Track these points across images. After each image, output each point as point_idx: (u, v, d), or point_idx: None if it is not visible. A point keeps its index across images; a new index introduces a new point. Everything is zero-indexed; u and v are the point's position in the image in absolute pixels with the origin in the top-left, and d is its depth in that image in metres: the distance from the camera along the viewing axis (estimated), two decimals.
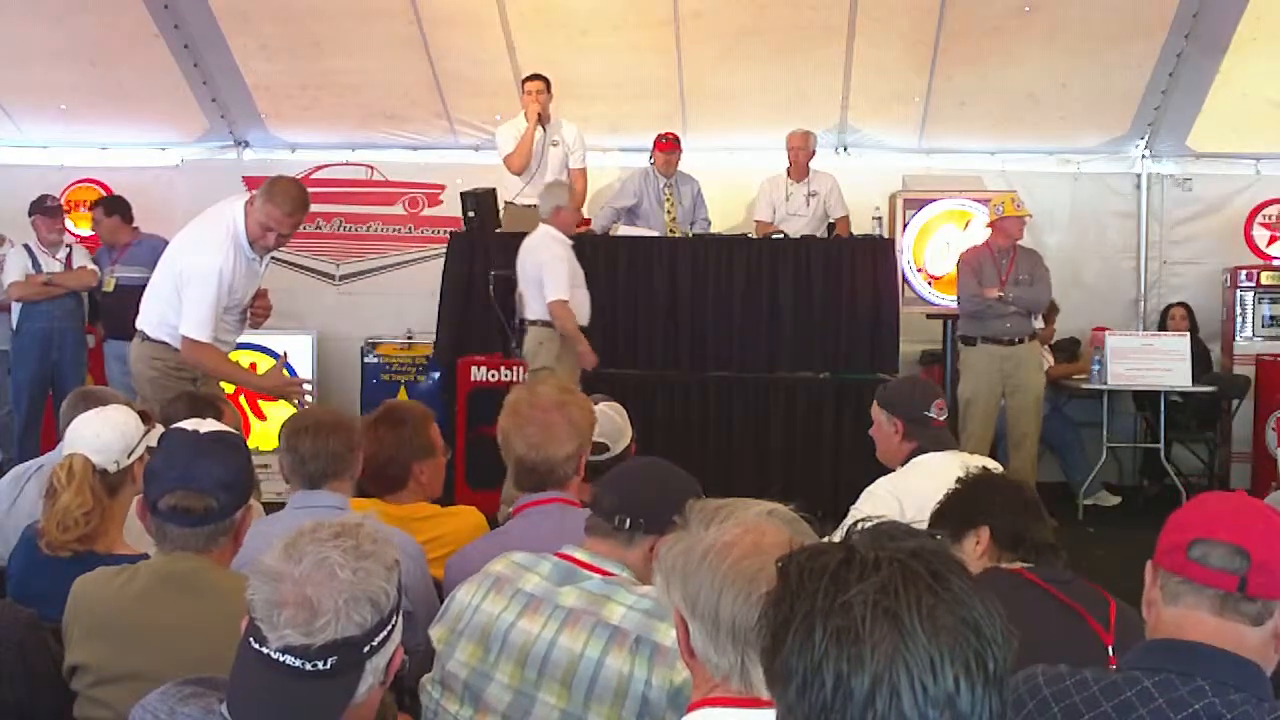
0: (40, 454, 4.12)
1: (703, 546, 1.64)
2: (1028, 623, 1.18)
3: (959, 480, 2.72)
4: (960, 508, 2.62)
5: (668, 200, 7.76)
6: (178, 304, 4.54)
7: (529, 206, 7.66)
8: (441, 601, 2.44)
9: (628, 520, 2.28)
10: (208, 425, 2.50)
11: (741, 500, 1.73)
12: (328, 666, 1.56)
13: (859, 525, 1.22)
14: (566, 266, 6.36)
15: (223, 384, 4.89)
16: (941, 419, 3.61)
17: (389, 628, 1.61)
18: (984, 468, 2.88)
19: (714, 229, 7.89)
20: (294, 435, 3.01)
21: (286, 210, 4.57)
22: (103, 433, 2.80)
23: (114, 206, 7.75)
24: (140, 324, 4.65)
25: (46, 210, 7.59)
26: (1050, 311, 7.71)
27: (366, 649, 1.58)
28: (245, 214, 4.58)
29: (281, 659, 1.56)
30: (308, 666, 1.56)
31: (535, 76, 7.51)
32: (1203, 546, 1.64)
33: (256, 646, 1.58)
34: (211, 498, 2.28)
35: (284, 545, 1.63)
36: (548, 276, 6.32)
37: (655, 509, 2.26)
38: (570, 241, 6.52)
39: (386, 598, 1.60)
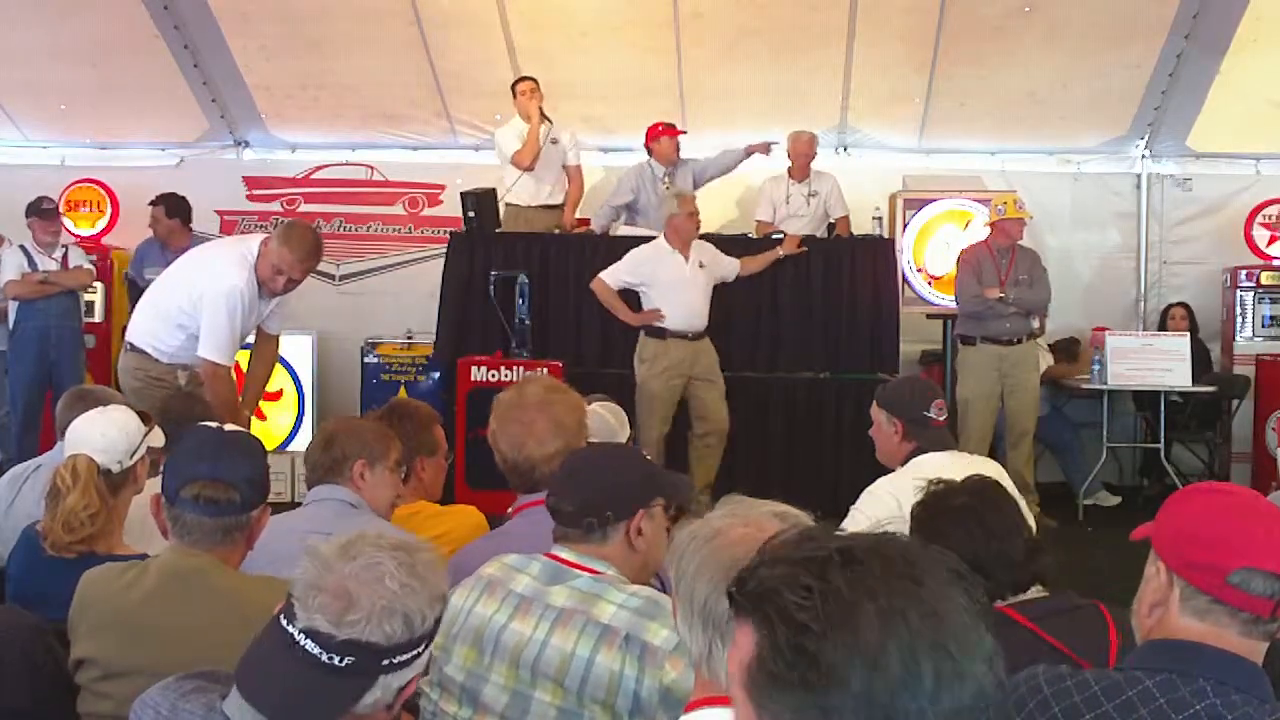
0: (39, 454, 4.11)
1: (691, 529, 1.69)
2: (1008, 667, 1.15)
3: (911, 516, 2.53)
4: None
5: (668, 189, 7.74)
6: (174, 324, 4.66)
7: (528, 208, 7.68)
8: None
9: (594, 520, 2.28)
10: (228, 426, 2.53)
11: (762, 500, 1.75)
12: (342, 664, 1.56)
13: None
14: (628, 260, 6.71)
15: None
16: (941, 419, 3.61)
17: (414, 653, 1.60)
18: (938, 481, 2.63)
19: (714, 229, 7.88)
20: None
21: (299, 256, 4.69)
22: (108, 432, 2.81)
23: (177, 209, 7.74)
24: (129, 336, 4.75)
25: (42, 213, 7.57)
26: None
27: (385, 662, 1.57)
28: (259, 253, 4.68)
29: (302, 641, 1.56)
30: (324, 658, 1.56)
31: (527, 78, 7.59)
32: (1244, 574, 1.63)
33: (284, 623, 1.59)
34: (235, 490, 2.30)
35: (344, 542, 1.64)
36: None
37: (616, 496, 2.28)
38: (672, 249, 6.71)
39: (422, 622, 1.59)
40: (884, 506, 3.27)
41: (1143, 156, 8.62)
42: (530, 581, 2.27)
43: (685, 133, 7.77)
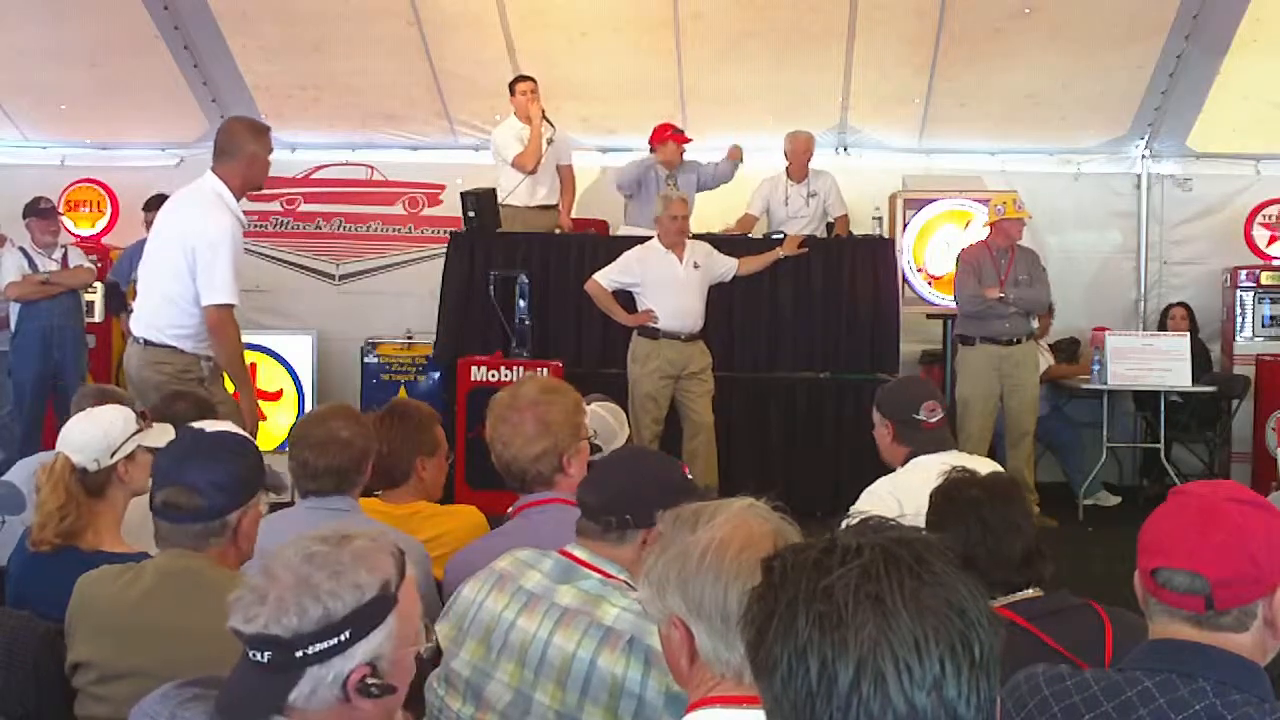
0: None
1: (698, 549, 1.65)
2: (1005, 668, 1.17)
3: (929, 499, 2.58)
4: None
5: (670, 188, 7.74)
6: (184, 296, 4.47)
7: (525, 208, 7.65)
8: (443, 603, 2.44)
9: (613, 519, 2.28)
10: (216, 425, 2.50)
11: (715, 501, 1.75)
12: (264, 660, 1.57)
13: (844, 523, 1.22)
14: (621, 261, 6.72)
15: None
16: (932, 421, 3.57)
17: (331, 642, 1.58)
18: (961, 468, 2.71)
19: (714, 230, 7.87)
20: (299, 445, 2.99)
21: (268, 138, 4.76)
22: (86, 431, 2.83)
23: None
24: (139, 331, 4.58)
25: (40, 213, 7.56)
26: (1047, 310, 7.70)
27: (299, 654, 1.57)
28: (226, 176, 4.57)
29: (239, 641, 1.60)
30: (249, 654, 1.58)
31: (527, 77, 7.56)
32: (1164, 574, 1.67)
33: None
34: (201, 496, 2.29)
35: (294, 536, 1.66)
36: None
37: (639, 503, 2.25)
38: (664, 250, 6.71)
39: (333, 612, 1.58)
40: (883, 506, 3.26)
41: (1143, 156, 8.62)
42: (541, 579, 2.27)
43: (691, 140, 7.76)
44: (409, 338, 8.04)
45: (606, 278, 6.73)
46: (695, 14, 7.68)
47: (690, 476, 2.39)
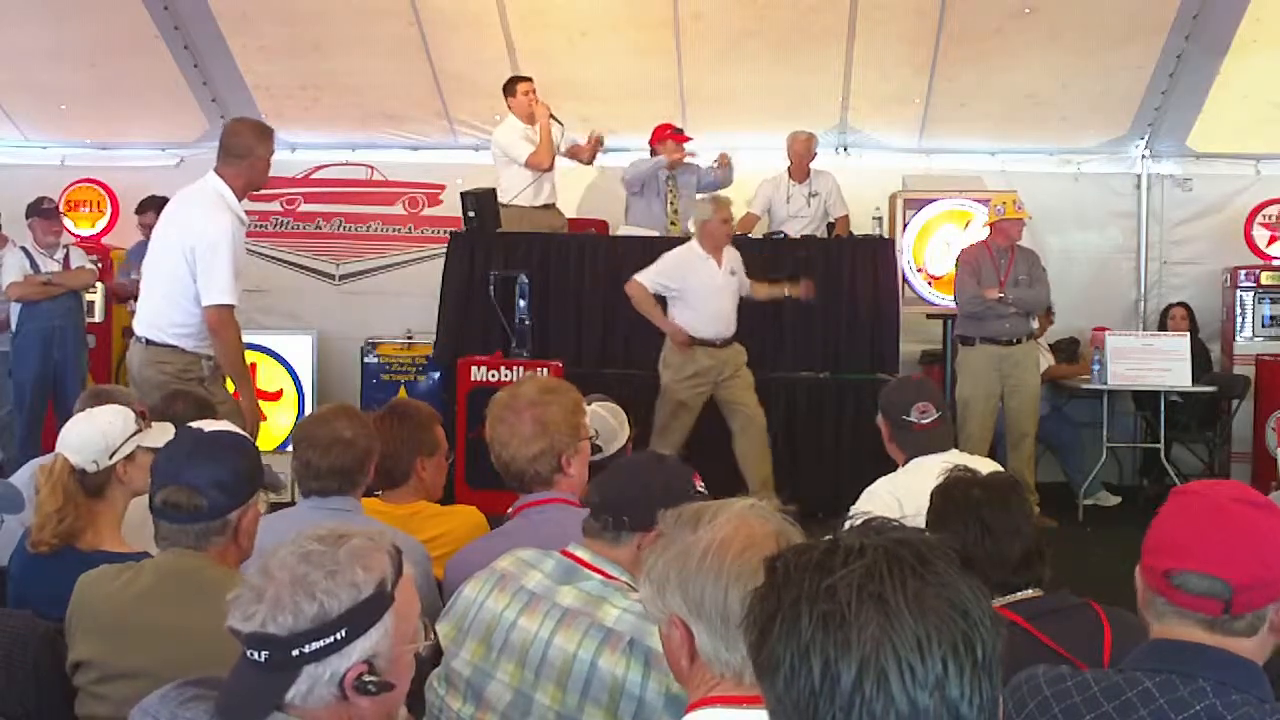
0: (42, 454, 4.12)
1: (699, 548, 1.65)
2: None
3: (930, 497, 2.60)
4: None
5: (669, 193, 7.74)
6: (185, 294, 4.48)
7: (529, 208, 7.64)
8: (443, 602, 2.44)
9: (610, 519, 2.28)
10: (214, 424, 2.50)
11: (717, 501, 1.75)
12: (262, 659, 1.57)
13: (846, 524, 1.23)
14: (664, 264, 6.61)
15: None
16: (923, 423, 3.57)
17: (327, 640, 1.58)
18: (964, 468, 2.72)
19: None
20: (302, 446, 2.99)
21: (272, 140, 4.78)
22: (84, 433, 2.84)
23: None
24: (141, 331, 4.59)
25: (43, 213, 7.55)
26: (1045, 310, 7.70)
27: (296, 653, 1.57)
28: (229, 177, 4.58)
29: (237, 640, 1.60)
30: (247, 654, 1.59)
31: (526, 78, 7.55)
32: (1180, 576, 1.65)
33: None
34: (202, 496, 2.29)
35: (292, 535, 1.67)
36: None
37: (638, 506, 2.25)
38: (704, 255, 6.62)
39: (329, 610, 1.58)
40: (883, 506, 3.27)
41: (1143, 157, 8.62)
42: (542, 579, 2.27)
43: (691, 139, 7.75)
44: (409, 338, 8.04)
45: (650, 280, 6.61)
46: (695, 14, 7.68)
47: (702, 489, 2.38)
